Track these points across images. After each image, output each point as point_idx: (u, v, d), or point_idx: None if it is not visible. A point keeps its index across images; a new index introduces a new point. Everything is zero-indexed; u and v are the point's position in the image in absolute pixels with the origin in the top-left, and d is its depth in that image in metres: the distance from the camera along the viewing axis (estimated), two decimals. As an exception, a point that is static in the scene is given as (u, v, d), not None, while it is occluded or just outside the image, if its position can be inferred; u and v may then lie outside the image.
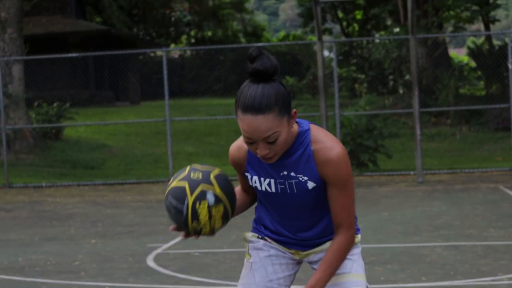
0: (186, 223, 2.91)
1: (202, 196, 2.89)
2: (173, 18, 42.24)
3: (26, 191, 15.25)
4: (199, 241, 8.86)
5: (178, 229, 3.02)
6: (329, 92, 21.25)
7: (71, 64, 26.52)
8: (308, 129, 2.96)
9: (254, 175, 3.05)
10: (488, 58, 24.72)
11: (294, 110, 2.87)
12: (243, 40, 41.74)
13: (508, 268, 6.85)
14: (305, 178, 2.96)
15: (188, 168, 3.00)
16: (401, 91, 25.41)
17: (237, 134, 21.43)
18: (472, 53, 26.06)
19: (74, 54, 17.54)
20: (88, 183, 15.93)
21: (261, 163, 3.03)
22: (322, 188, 2.99)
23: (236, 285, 6.48)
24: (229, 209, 2.96)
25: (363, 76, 27.27)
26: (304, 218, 3.11)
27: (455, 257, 7.43)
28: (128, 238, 9.25)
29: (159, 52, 36.99)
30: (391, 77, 26.20)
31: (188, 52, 36.99)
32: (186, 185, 2.91)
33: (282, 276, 3.22)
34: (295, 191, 3.00)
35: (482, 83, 27.53)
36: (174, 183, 2.95)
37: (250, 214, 3.39)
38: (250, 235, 3.28)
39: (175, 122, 20.75)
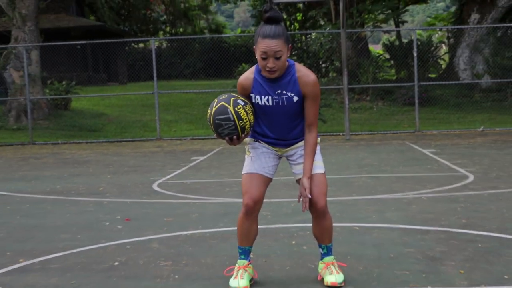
0: (235, 124, 3.70)
1: (235, 103, 3.70)
2: (152, 17, 42.60)
3: (47, 146, 15.75)
4: (188, 174, 9.61)
5: (230, 138, 3.76)
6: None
7: (74, 52, 26.81)
8: (294, 64, 3.77)
9: (257, 95, 3.82)
10: (398, 50, 25.67)
11: (289, 45, 3.65)
12: (208, 35, 42.20)
13: (413, 188, 7.73)
14: (292, 94, 3.77)
15: (215, 100, 3.78)
16: (331, 75, 26.27)
17: (205, 106, 22.06)
18: (387, 47, 26.96)
19: (82, 42, 17.97)
20: (94, 141, 16.49)
21: (262, 86, 3.80)
22: (301, 102, 3.79)
23: (211, 199, 7.23)
24: (252, 106, 3.76)
25: (301, 64, 28.00)
26: (287, 123, 3.89)
27: (375, 182, 8.31)
28: (134, 174, 9.92)
29: (141, 44, 37.62)
30: (324, 65, 27.04)
31: (164, 44, 37.34)
32: (223, 103, 3.72)
33: (271, 165, 4.01)
34: (285, 103, 3.80)
35: (393, 71, 28.51)
36: (214, 109, 3.73)
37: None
38: (249, 140, 4.05)
39: (158, 96, 21.30)
